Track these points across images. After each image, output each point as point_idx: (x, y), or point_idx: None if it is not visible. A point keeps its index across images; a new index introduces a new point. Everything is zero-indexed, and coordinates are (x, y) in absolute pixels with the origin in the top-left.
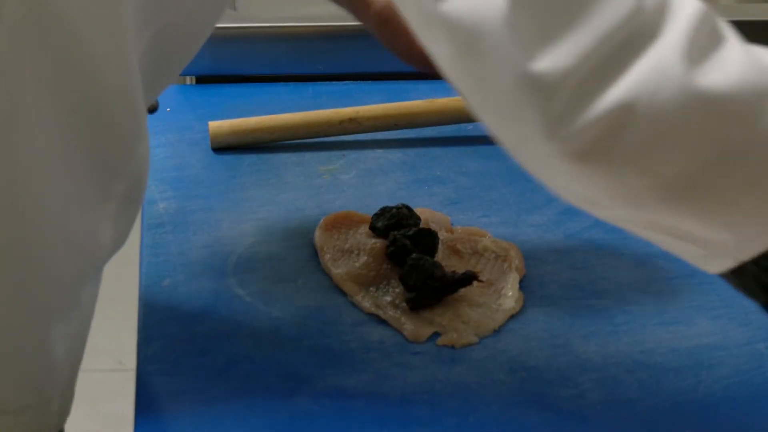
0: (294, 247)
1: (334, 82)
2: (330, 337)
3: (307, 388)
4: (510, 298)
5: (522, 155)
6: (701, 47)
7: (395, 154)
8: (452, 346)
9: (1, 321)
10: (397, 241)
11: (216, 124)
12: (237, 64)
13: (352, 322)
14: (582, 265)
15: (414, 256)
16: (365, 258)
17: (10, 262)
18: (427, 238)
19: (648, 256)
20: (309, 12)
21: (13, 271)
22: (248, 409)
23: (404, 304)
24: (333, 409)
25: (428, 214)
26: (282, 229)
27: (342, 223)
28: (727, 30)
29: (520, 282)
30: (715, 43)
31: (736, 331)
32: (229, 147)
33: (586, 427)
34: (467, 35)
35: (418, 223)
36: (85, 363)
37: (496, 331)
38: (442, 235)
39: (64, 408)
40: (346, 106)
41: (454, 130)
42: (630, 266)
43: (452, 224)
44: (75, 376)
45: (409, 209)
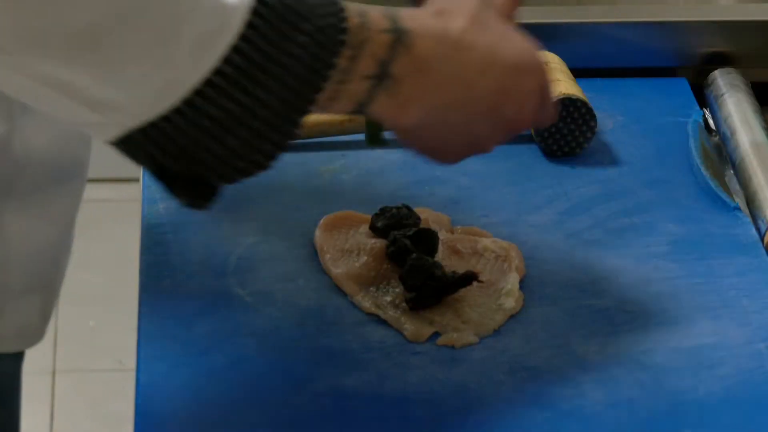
0: (294, 247)
1: None
2: (330, 337)
3: (307, 388)
4: (510, 298)
5: None
6: None
7: (395, 154)
8: (452, 346)
9: None
10: (397, 241)
11: None
12: None
13: (352, 322)
14: (582, 265)
15: (414, 256)
16: (365, 258)
17: None
18: (427, 238)
19: (648, 256)
20: None
21: None
22: (248, 409)
23: (404, 304)
24: (333, 409)
25: (428, 214)
26: (282, 229)
27: (342, 223)
28: None
29: (520, 282)
30: None
31: (736, 331)
32: None
33: (586, 427)
34: None
35: (418, 223)
36: (85, 363)
37: (496, 331)
38: (442, 235)
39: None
40: None
41: None
42: (630, 266)
43: (452, 224)
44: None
45: (409, 209)
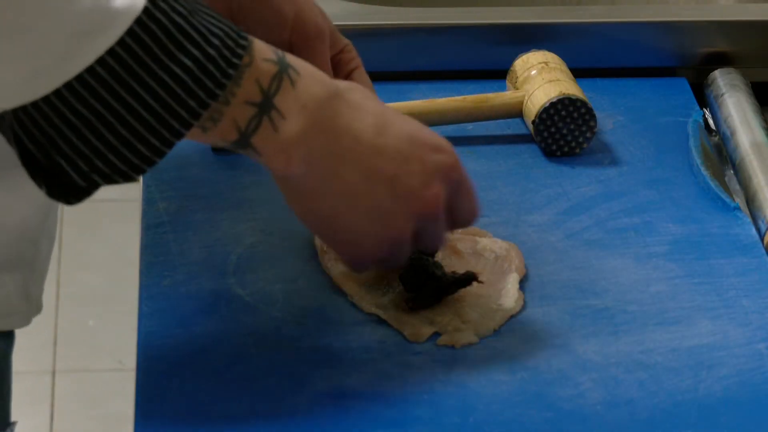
0: (294, 247)
1: None
2: (330, 337)
3: (307, 388)
4: (510, 298)
5: None
6: None
7: None
8: (452, 346)
9: None
10: None
11: None
12: None
13: (352, 322)
14: (582, 265)
15: (414, 256)
16: None
17: None
18: None
19: (648, 256)
20: None
21: None
22: (248, 409)
23: (404, 304)
24: (333, 409)
25: None
26: (282, 229)
27: None
28: None
29: (520, 282)
30: None
31: (736, 331)
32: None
33: (586, 427)
34: None
35: None
36: (85, 363)
37: (496, 331)
38: None
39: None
40: None
41: (454, 130)
42: (630, 266)
43: None
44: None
45: None
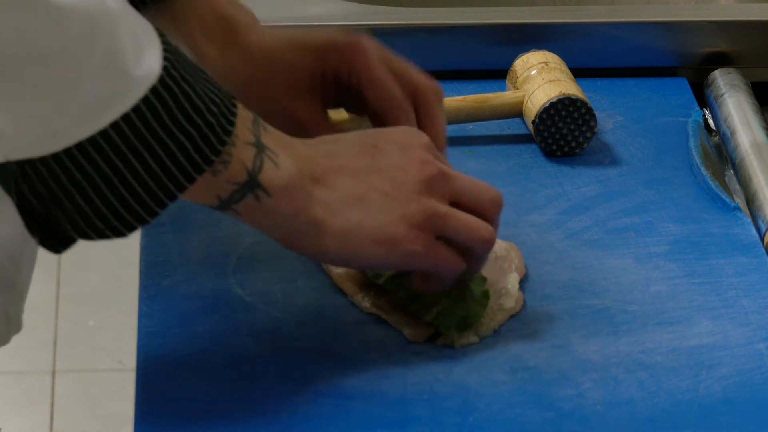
0: None
1: None
2: (330, 337)
3: (307, 388)
4: (510, 298)
5: None
6: None
7: None
8: (452, 346)
9: None
10: None
11: None
12: None
13: (352, 322)
14: (582, 265)
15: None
16: None
17: None
18: None
19: (648, 256)
20: (309, 12)
21: None
22: (248, 409)
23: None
24: (333, 409)
25: None
26: None
27: None
28: None
29: (520, 282)
30: None
31: (736, 331)
32: None
33: (586, 427)
34: None
35: None
36: (85, 363)
37: (496, 331)
38: None
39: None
40: None
41: (454, 130)
42: (630, 266)
43: None
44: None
45: None
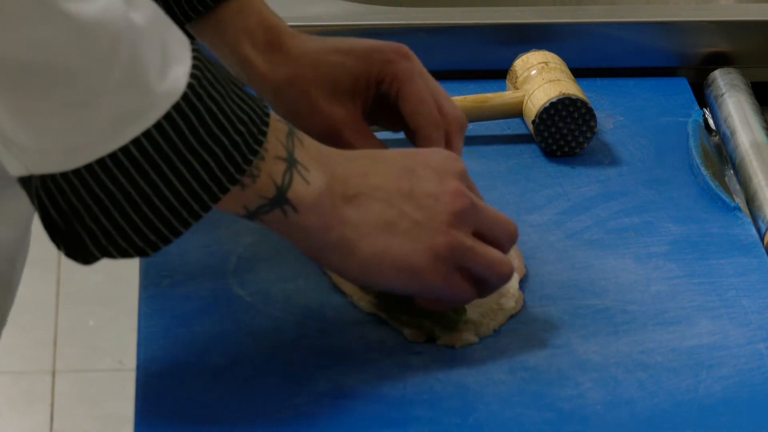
0: (294, 247)
1: None
2: (330, 337)
3: (307, 388)
4: (510, 298)
5: None
6: None
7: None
8: (452, 346)
9: None
10: None
11: None
12: None
13: (352, 322)
14: (582, 265)
15: None
16: None
17: None
18: None
19: (648, 256)
20: (309, 12)
21: None
22: (248, 409)
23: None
24: (333, 409)
25: None
26: None
27: None
28: None
29: (520, 282)
30: None
31: (736, 331)
32: None
33: (586, 427)
34: None
35: None
36: (85, 363)
37: (496, 331)
38: None
39: None
40: None
41: None
42: (630, 266)
43: None
44: None
45: None
